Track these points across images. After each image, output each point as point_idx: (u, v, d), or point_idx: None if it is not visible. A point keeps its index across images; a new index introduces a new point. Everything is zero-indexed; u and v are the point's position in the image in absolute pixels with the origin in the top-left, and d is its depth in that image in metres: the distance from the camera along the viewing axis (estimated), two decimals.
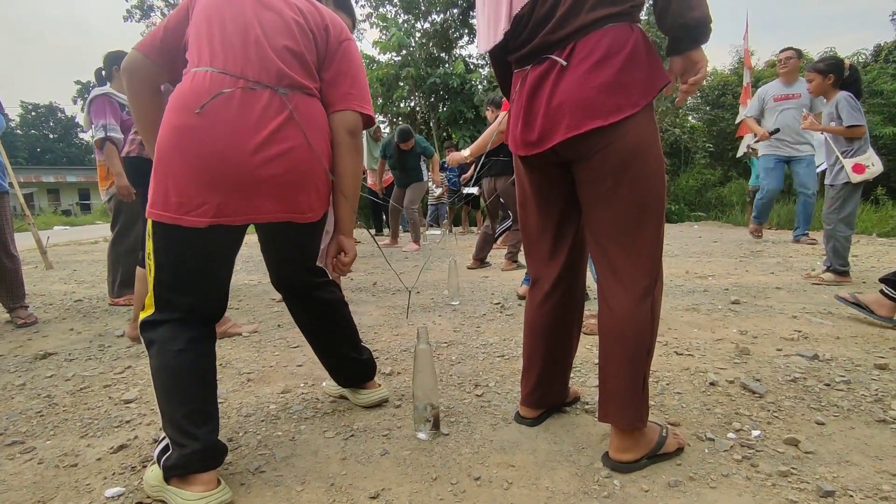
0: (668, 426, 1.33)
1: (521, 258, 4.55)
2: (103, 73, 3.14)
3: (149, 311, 1.17)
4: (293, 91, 1.18)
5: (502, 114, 2.88)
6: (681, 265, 4.09)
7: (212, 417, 1.14)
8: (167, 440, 1.12)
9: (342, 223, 1.33)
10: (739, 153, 9.70)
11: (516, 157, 1.36)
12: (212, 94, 1.09)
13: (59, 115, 41.67)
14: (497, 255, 5.19)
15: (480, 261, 4.48)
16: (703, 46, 1.13)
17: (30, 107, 42.17)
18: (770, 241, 5.47)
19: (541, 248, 1.39)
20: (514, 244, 4.28)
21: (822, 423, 1.40)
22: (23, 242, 3.77)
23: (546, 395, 1.45)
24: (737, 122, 9.96)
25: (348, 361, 1.54)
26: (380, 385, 1.61)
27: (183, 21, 1.20)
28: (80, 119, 3.32)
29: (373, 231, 6.86)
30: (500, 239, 5.89)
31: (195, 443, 1.08)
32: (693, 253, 4.81)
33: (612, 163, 1.14)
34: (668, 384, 1.69)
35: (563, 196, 1.33)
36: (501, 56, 1.33)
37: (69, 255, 6.30)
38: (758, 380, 1.68)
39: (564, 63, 1.14)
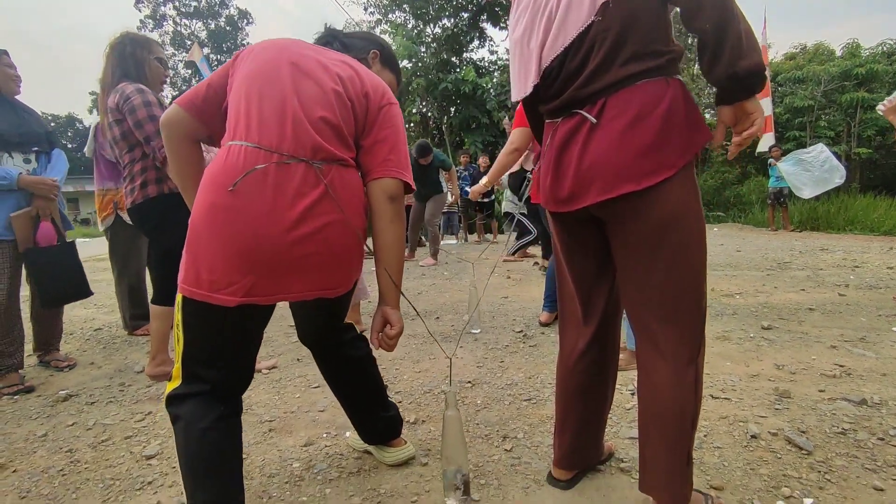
0: (713, 494, 1.25)
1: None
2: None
3: (175, 383, 1.14)
4: (329, 164, 1.12)
5: (513, 132, 2.82)
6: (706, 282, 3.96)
7: (236, 500, 1.10)
8: None
9: (386, 295, 1.24)
10: (760, 149, 9.50)
11: (548, 211, 1.30)
12: (245, 170, 1.05)
13: (77, 125, 42.45)
14: (515, 269, 5.11)
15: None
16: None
17: (49, 118, 43.06)
18: (797, 251, 5.30)
19: (574, 307, 1.32)
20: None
21: (881, 490, 1.30)
22: None
23: (580, 456, 1.38)
24: None
25: (375, 419, 1.50)
26: (406, 442, 1.56)
27: (225, 82, 1.18)
28: (86, 149, 3.33)
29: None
30: (517, 253, 5.83)
31: None
32: (717, 266, 4.69)
33: (648, 229, 1.06)
34: (706, 436, 1.61)
35: (596, 252, 1.26)
36: (533, 106, 1.27)
37: (89, 274, 6.34)
38: (803, 432, 1.59)
39: (594, 120, 1.07)
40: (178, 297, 1.11)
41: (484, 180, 2.87)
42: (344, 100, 1.17)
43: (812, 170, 6.17)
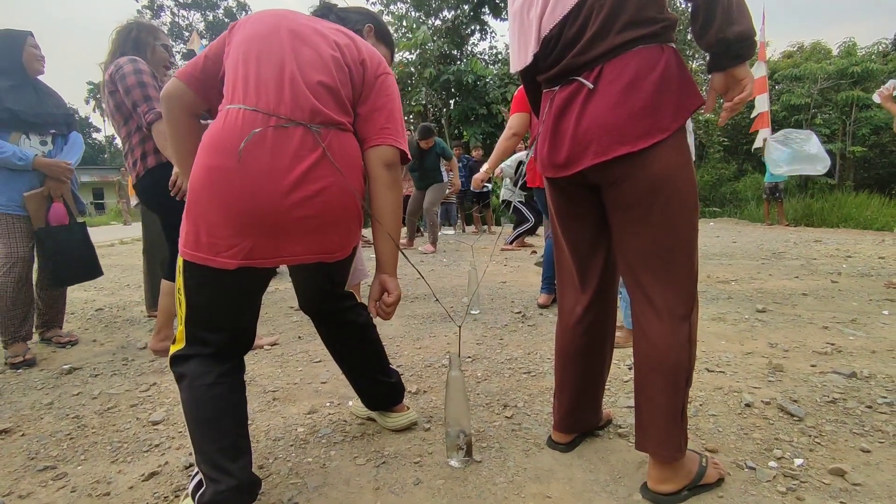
0: (707, 454, 1.29)
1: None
2: None
3: (179, 346, 1.16)
4: (327, 128, 1.14)
5: (512, 116, 2.85)
6: (702, 269, 4.02)
7: (244, 452, 1.13)
8: (200, 475, 1.11)
9: (384, 262, 1.27)
10: (756, 146, 9.58)
11: (545, 178, 1.33)
12: (244, 133, 1.06)
13: (74, 115, 42.04)
14: (513, 257, 5.15)
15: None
16: None
17: None
18: (791, 242, 5.37)
19: (571, 274, 1.36)
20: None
21: (868, 451, 1.35)
22: None
23: (579, 420, 1.42)
24: (752, 116, 9.84)
25: (377, 385, 1.52)
26: (408, 408, 1.59)
27: (222, 52, 1.18)
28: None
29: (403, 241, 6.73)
30: (515, 242, 5.86)
31: (229, 479, 1.07)
32: (713, 255, 4.74)
33: (642, 190, 1.10)
34: (701, 405, 1.65)
35: (592, 219, 1.29)
36: (532, 76, 1.30)
37: None
38: (795, 401, 1.63)
39: (591, 86, 1.10)
40: (179, 261, 1.13)
41: (485, 167, 2.90)
42: (342, 65, 1.18)
43: (793, 146, 6.24)
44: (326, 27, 1.23)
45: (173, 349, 1.17)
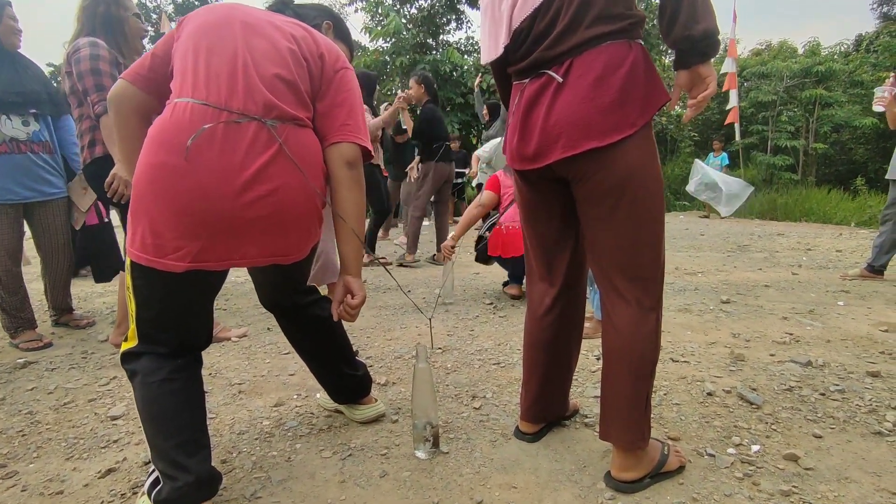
0: (669, 443, 1.32)
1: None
2: None
3: (132, 343, 1.11)
4: (283, 123, 1.08)
5: (483, 194, 2.90)
6: (670, 261, 4.11)
7: (203, 446, 1.10)
8: (157, 473, 1.08)
9: (348, 263, 1.22)
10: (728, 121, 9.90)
11: (514, 170, 1.33)
12: (193, 127, 1.00)
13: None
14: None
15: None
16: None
17: None
18: (756, 235, 5.53)
19: (540, 263, 1.37)
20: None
21: (820, 437, 1.41)
22: None
23: (546, 409, 1.44)
24: (727, 108, 10.09)
25: (344, 378, 1.50)
26: (376, 400, 1.58)
27: (170, 47, 1.11)
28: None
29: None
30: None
31: (186, 475, 1.04)
32: (681, 248, 4.85)
33: (610, 184, 1.11)
34: (665, 394, 1.69)
35: (560, 212, 1.30)
36: (502, 68, 1.29)
37: None
38: (754, 389, 1.69)
39: (560, 80, 1.10)
40: (127, 261, 1.08)
41: (452, 234, 2.94)
42: (299, 58, 1.13)
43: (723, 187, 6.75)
44: (282, 20, 1.18)
45: (125, 346, 1.12)
